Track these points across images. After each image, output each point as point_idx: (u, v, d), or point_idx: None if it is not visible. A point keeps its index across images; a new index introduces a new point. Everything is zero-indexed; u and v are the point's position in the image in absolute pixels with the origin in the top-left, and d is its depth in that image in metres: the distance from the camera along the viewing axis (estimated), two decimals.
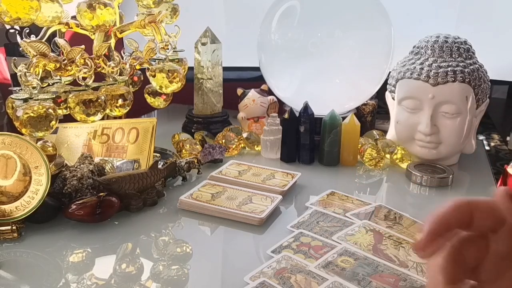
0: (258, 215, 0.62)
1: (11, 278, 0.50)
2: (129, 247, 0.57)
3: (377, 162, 0.82)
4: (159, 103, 0.82)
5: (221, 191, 0.69)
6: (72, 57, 0.66)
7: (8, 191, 0.58)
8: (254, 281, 0.48)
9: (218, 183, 0.72)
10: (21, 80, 0.60)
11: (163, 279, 0.50)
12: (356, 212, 0.65)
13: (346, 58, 0.90)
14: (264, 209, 0.64)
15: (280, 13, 0.93)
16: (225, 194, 0.68)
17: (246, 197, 0.67)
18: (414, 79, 0.80)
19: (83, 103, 0.67)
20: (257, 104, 0.98)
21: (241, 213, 0.63)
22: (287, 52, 0.93)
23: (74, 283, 0.49)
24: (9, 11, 0.58)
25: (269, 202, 0.66)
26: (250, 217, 0.62)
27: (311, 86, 0.93)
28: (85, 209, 0.59)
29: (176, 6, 0.81)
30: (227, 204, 0.65)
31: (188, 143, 0.85)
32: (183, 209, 0.66)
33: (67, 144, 0.75)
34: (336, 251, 0.54)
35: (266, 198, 0.67)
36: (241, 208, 0.64)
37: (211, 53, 0.96)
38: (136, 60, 0.77)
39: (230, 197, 0.67)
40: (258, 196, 0.67)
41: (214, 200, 0.66)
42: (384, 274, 0.50)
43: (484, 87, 0.82)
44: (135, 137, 0.73)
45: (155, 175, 0.67)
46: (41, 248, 0.56)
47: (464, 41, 0.82)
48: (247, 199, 0.66)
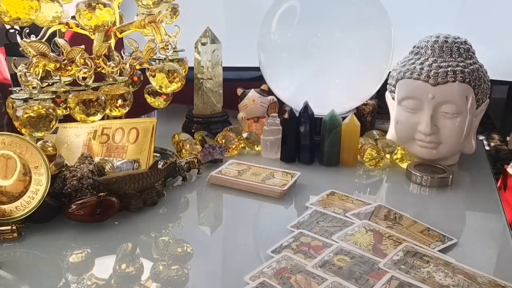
0: (280, 188, 0.70)
1: (11, 278, 0.50)
2: (129, 247, 0.57)
3: (377, 162, 0.82)
4: (159, 103, 0.82)
5: (246, 169, 0.77)
6: (72, 57, 0.66)
7: (8, 191, 0.58)
8: (254, 281, 0.48)
9: (244, 162, 0.80)
10: (21, 80, 0.60)
11: (163, 279, 0.50)
12: (356, 212, 0.65)
13: (346, 58, 0.90)
14: (285, 183, 0.72)
15: (280, 13, 0.93)
16: (250, 171, 0.76)
17: (268, 173, 0.76)
18: (414, 79, 0.80)
19: (83, 103, 0.67)
20: (257, 104, 0.98)
21: (265, 185, 0.71)
22: (287, 52, 0.93)
23: (74, 283, 0.49)
24: (9, 11, 0.57)
25: (289, 177, 0.74)
26: (273, 190, 0.70)
27: (311, 86, 0.93)
28: (85, 209, 0.59)
29: (176, 6, 0.81)
30: (252, 179, 0.73)
31: (188, 143, 0.85)
32: (213, 183, 0.74)
33: (67, 144, 0.75)
34: (332, 250, 0.54)
35: (287, 174, 0.75)
36: (265, 182, 0.72)
37: (211, 53, 0.96)
38: (136, 60, 0.77)
39: (255, 173, 0.75)
40: (279, 173, 0.76)
41: (241, 175, 0.75)
42: (381, 271, 0.50)
43: (484, 87, 0.82)
44: (135, 137, 0.73)
45: (155, 175, 0.67)
46: (41, 248, 0.56)
47: (464, 41, 0.82)
48: (269, 175, 0.75)
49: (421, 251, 0.54)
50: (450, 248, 0.57)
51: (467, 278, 0.49)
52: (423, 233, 0.59)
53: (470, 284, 0.48)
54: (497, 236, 0.61)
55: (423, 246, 0.56)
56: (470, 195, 0.74)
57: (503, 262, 0.55)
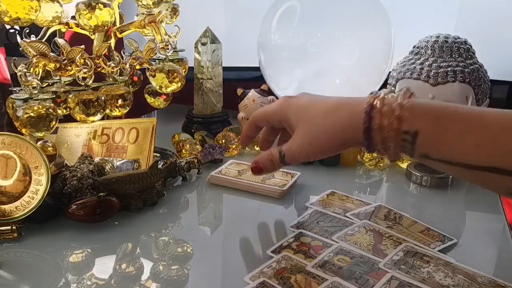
0: (280, 188, 0.71)
1: (11, 278, 0.50)
2: (129, 247, 0.57)
3: (377, 162, 0.82)
4: (159, 103, 0.82)
5: (246, 169, 0.78)
6: (72, 57, 0.66)
7: (8, 191, 0.58)
8: (254, 281, 0.48)
9: (244, 162, 0.80)
10: (21, 80, 0.60)
11: (163, 279, 0.50)
12: (356, 212, 0.65)
13: (346, 58, 0.90)
14: (285, 183, 0.72)
15: (280, 13, 0.93)
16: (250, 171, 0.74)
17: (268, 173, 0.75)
18: (414, 79, 0.80)
19: (83, 103, 0.67)
20: (257, 104, 0.98)
21: (265, 186, 0.71)
22: (287, 52, 0.93)
23: (74, 283, 0.49)
24: (9, 11, 0.58)
25: (289, 177, 0.75)
26: (273, 190, 0.70)
27: (311, 86, 0.93)
28: (85, 209, 0.59)
29: (176, 6, 0.81)
30: (252, 179, 0.73)
31: (188, 143, 0.85)
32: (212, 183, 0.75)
33: (67, 144, 0.75)
34: (332, 250, 0.54)
35: (287, 174, 0.76)
36: (265, 182, 0.72)
37: (211, 53, 0.96)
38: (136, 60, 0.77)
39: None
40: (279, 173, 0.76)
41: (241, 175, 0.75)
42: (381, 271, 0.50)
43: (484, 87, 0.82)
44: (135, 137, 0.73)
45: (155, 175, 0.67)
46: (41, 248, 0.56)
47: (464, 41, 0.82)
48: (269, 175, 0.75)
49: (421, 251, 0.54)
50: (450, 248, 0.57)
51: (467, 278, 0.49)
52: (423, 233, 0.59)
53: (470, 284, 0.48)
54: (497, 236, 0.61)
55: (423, 246, 0.56)
56: (470, 195, 0.74)
57: (503, 262, 0.55)
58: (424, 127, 0.44)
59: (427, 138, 0.44)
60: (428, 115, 0.44)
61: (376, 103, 0.46)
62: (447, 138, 0.43)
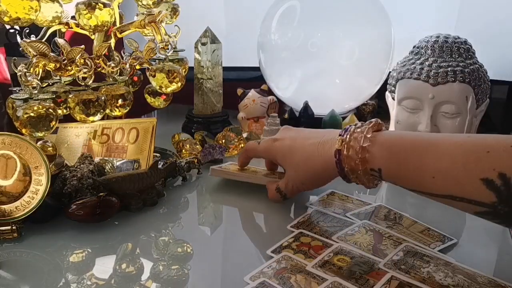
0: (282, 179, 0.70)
1: (11, 278, 0.50)
2: (129, 247, 0.57)
3: None
4: (159, 103, 0.82)
5: (246, 168, 0.77)
6: (72, 57, 0.66)
7: (8, 191, 0.58)
8: (254, 281, 0.48)
9: None
10: (21, 80, 0.60)
11: (163, 279, 0.50)
12: (356, 212, 0.65)
13: (346, 58, 0.90)
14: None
15: (280, 13, 0.93)
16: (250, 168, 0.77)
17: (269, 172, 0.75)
18: (414, 79, 0.80)
19: (83, 103, 0.67)
20: (257, 104, 0.98)
21: (267, 178, 0.71)
22: (287, 52, 0.93)
23: (74, 283, 0.49)
24: (9, 11, 0.57)
25: None
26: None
27: (311, 86, 0.93)
28: (85, 209, 0.59)
29: (176, 6, 0.81)
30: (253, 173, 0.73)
31: (188, 143, 0.85)
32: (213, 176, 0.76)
33: (67, 144, 0.75)
34: (332, 250, 0.54)
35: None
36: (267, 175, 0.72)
37: (211, 53, 0.96)
38: (136, 60, 0.77)
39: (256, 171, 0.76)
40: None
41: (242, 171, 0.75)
42: (381, 271, 0.50)
43: (484, 87, 0.82)
44: (135, 137, 0.73)
45: (155, 175, 0.67)
46: (41, 248, 0.56)
47: (464, 41, 0.82)
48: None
49: (421, 251, 0.54)
50: (450, 248, 0.57)
51: (467, 278, 0.49)
52: (423, 233, 0.59)
53: (470, 284, 0.48)
54: (497, 236, 0.61)
55: (423, 246, 0.56)
56: None
57: (503, 262, 0.55)
58: (385, 165, 0.50)
59: (389, 172, 0.50)
60: (387, 153, 0.50)
61: (343, 148, 0.53)
62: (406, 173, 0.48)
